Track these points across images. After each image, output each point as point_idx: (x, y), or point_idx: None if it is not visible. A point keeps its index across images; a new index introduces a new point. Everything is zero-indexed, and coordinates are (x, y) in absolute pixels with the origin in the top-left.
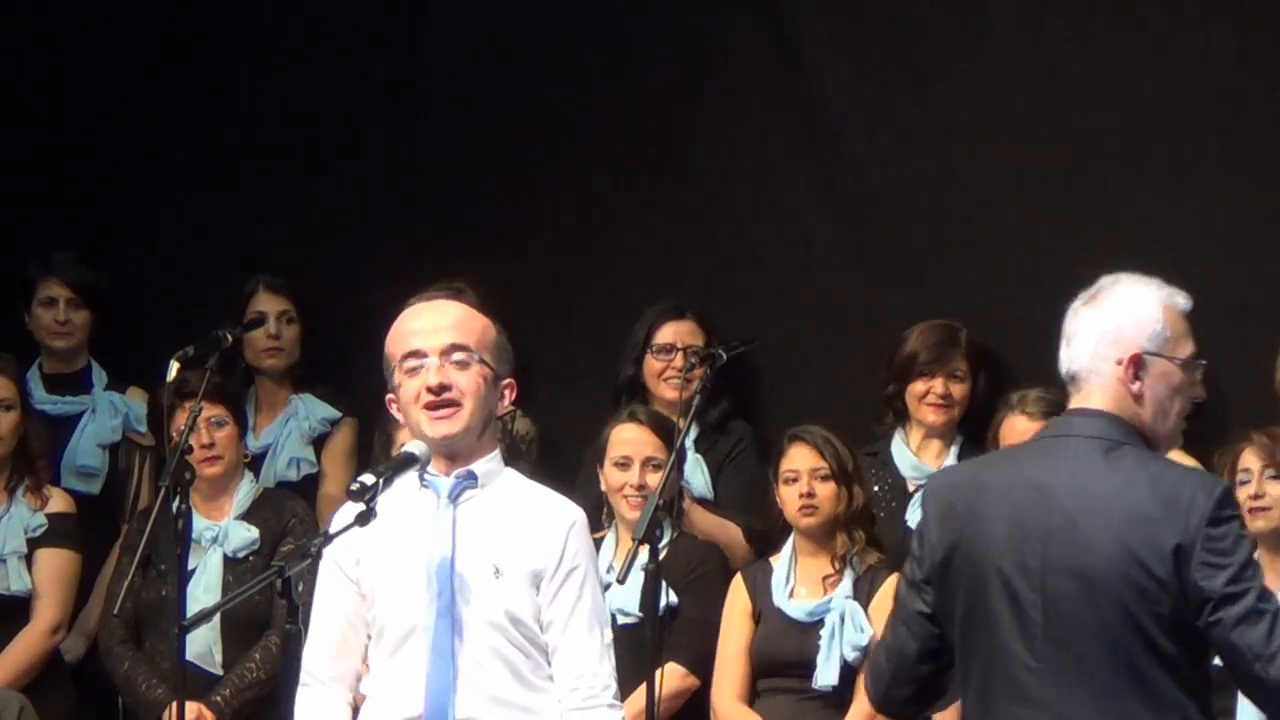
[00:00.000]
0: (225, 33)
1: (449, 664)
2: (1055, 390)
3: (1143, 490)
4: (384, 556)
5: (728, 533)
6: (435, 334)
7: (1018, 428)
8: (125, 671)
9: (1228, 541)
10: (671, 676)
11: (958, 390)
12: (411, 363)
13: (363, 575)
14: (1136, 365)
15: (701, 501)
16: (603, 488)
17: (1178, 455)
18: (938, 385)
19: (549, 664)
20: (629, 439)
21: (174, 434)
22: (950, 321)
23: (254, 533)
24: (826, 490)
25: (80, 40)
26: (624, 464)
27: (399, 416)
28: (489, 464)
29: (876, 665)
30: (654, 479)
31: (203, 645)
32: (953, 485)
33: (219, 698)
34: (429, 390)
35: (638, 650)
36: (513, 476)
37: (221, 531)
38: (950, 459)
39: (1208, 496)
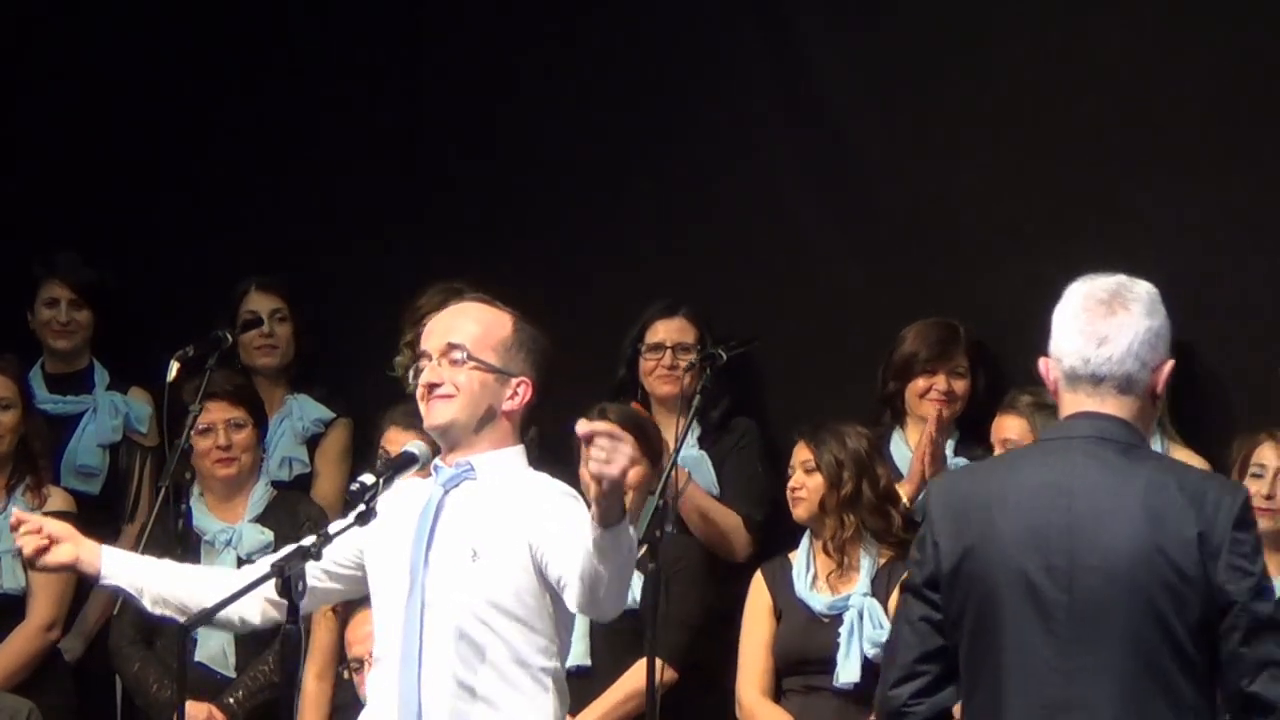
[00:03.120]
0: (226, 34)
1: (415, 646)
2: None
3: (1169, 491)
4: (383, 538)
5: (725, 519)
6: (439, 335)
7: (1005, 424)
8: (136, 672)
9: (1250, 547)
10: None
11: (959, 386)
12: (421, 363)
13: (368, 546)
14: (1169, 372)
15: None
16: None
17: (1182, 451)
18: (940, 382)
19: (546, 657)
20: None
21: (193, 433)
22: (948, 319)
23: (268, 535)
24: (813, 482)
25: (81, 41)
26: None
27: None
28: (495, 457)
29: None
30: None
31: (216, 647)
32: (962, 490)
33: (232, 699)
34: (423, 386)
35: (619, 642)
36: (526, 473)
37: (235, 534)
38: (948, 455)
39: (1233, 499)
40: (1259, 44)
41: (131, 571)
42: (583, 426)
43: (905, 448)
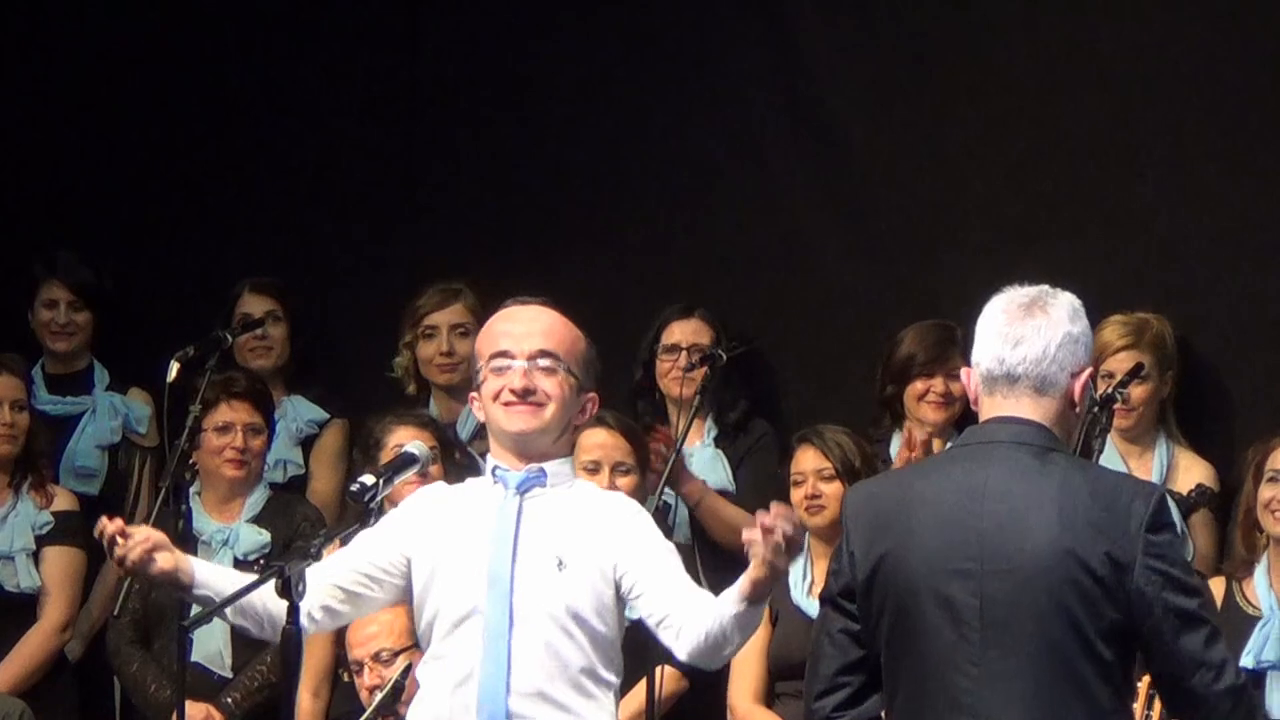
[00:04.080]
0: (225, 33)
1: (504, 652)
2: None
3: (1080, 493)
4: (446, 541)
5: (746, 522)
6: (526, 338)
7: None
8: (134, 672)
9: (1168, 547)
10: (664, 679)
11: (957, 388)
12: (499, 362)
13: (417, 553)
14: (1089, 379)
15: (721, 494)
16: None
17: (1186, 454)
18: (938, 384)
19: (610, 671)
20: (598, 444)
21: (206, 428)
22: (943, 321)
23: (265, 536)
24: (832, 489)
25: (80, 41)
26: (593, 469)
27: (479, 415)
28: (560, 466)
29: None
30: (623, 483)
31: (212, 648)
32: (876, 497)
33: (229, 699)
34: (512, 392)
35: (632, 652)
36: (582, 483)
37: (232, 534)
38: None
39: (1145, 502)
40: (1260, 44)
41: (218, 582)
42: (768, 519)
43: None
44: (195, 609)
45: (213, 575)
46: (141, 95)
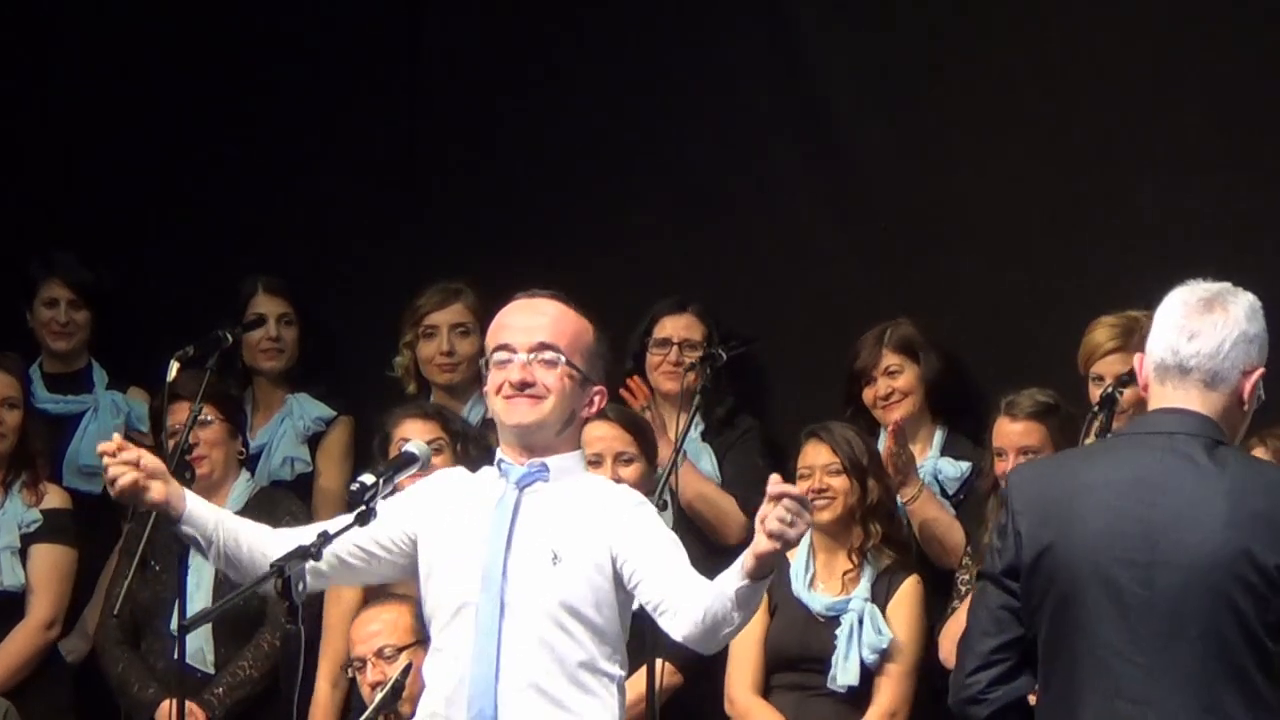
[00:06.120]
0: (225, 33)
1: (493, 646)
2: (1049, 392)
3: (1254, 491)
4: (448, 533)
5: (720, 504)
6: (527, 331)
7: (1003, 430)
8: (119, 672)
9: None
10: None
11: (899, 382)
12: (501, 355)
13: (424, 535)
14: (1261, 380)
15: None
16: None
17: None
18: (880, 388)
19: (614, 664)
20: (599, 436)
21: (172, 429)
22: (884, 323)
23: None
24: (839, 483)
25: (80, 40)
26: (595, 461)
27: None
28: (565, 460)
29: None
30: (626, 472)
31: (195, 644)
32: (1043, 480)
33: (211, 696)
34: (511, 385)
35: (630, 645)
36: (591, 477)
37: None
38: (934, 451)
39: None
40: (1263, 44)
41: (206, 524)
42: (775, 487)
43: None
44: (191, 611)
45: (203, 513)
46: (142, 95)
